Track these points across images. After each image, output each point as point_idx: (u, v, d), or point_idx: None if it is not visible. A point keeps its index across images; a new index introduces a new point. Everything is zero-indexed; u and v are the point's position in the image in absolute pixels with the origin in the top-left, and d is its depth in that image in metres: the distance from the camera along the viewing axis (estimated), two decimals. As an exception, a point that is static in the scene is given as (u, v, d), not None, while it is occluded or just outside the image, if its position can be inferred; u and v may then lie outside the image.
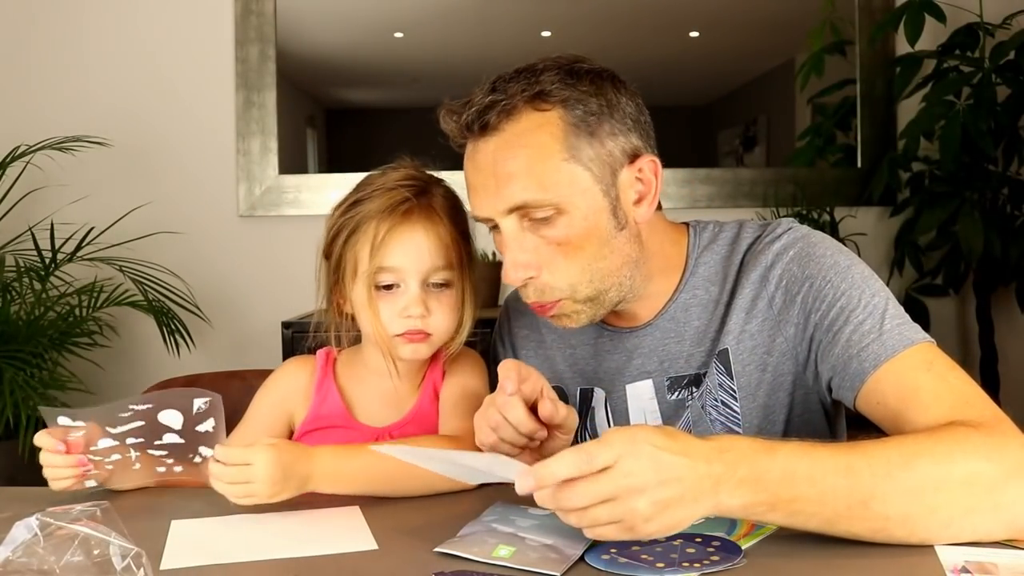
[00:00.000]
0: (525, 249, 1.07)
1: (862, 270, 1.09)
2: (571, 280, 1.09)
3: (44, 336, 2.28)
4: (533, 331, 1.30)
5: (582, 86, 1.07)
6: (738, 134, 2.94)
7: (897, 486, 0.84)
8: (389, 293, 1.17)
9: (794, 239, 1.13)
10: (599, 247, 1.08)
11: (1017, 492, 0.87)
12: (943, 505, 0.85)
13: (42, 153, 2.41)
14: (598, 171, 1.07)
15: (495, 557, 0.85)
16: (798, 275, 1.10)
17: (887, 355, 1.01)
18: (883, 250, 2.79)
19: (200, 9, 2.70)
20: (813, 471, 0.84)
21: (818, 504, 0.84)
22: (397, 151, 1.23)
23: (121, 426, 1.03)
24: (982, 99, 2.42)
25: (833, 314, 1.06)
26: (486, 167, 1.07)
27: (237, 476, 1.00)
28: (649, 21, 2.79)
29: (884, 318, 1.03)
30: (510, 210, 1.06)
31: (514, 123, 1.06)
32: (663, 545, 0.87)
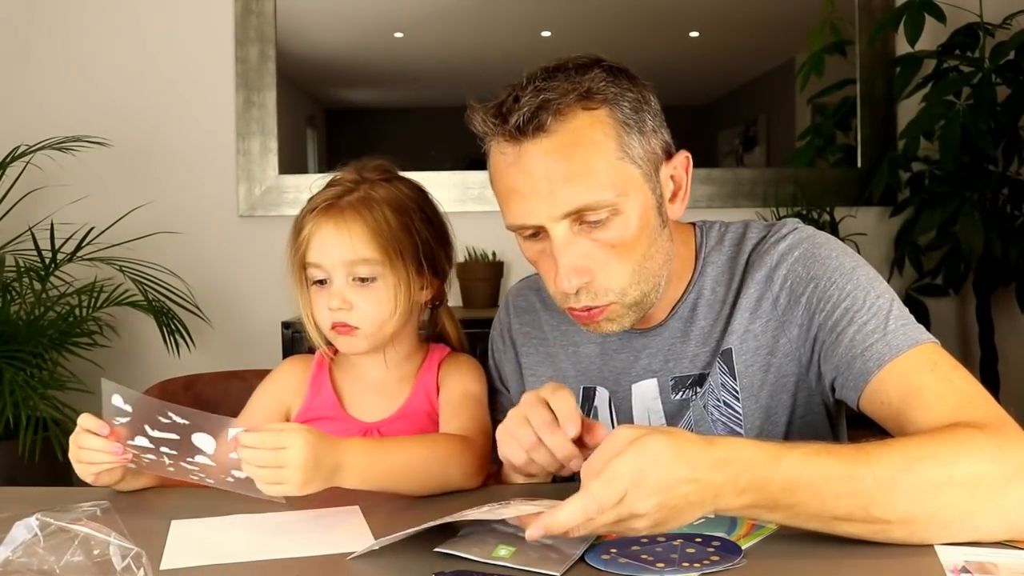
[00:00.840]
0: (580, 255, 1.04)
1: (867, 271, 1.09)
2: (623, 283, 1.06)
3: (44, 336, 2.28)
4: (535, 328, 1.29)
5: (622, 83, 1.06)
6: (738, 134, 2.94)
7: (899, 491, 0.84)
8: (322, 288, 1.22)
9: (799, 239, 1.12)
10: (648, 246, 1.07)
11: (1019, 494, 0.86)
12: (944, 507, 0.85)
13: (42, 153, 2.41)
14: (647, 168, 1.06)
15: (495, 557, 0.85)
16: (803, 276, 1.09)
17: (891, 355, 1.00)
18: (883, 250, 2.79)
19: (200, 9, 2.70)
20: (815, 480, 0.84)
21: (819, 509, 0.85)
22: (397, 151, 1.24)
23: (158, 431, 1.00)
24: (982, 99, 2.42)
25: (837, 315, 1.05)
26: (536, 170, 1.02)
27: (270, 460, 0.96)
28: (649, 21, 2.79)
29: (888, 319, 1.03)
30: (568, 214, 1.02)
31: (566, 123, 1.02)
32: (663, 545, 0.87)
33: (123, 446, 1.04)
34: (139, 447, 1.03)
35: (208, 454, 1.00)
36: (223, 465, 1.00)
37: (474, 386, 1.26)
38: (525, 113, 1.01)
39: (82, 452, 1.05)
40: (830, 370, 1.07)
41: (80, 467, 1.06)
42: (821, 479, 0.84)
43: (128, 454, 1.04)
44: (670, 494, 0.81)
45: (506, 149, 1.04)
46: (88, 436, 1.04)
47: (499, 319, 1.35)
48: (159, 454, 1.03)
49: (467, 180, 2.64)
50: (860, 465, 0.85)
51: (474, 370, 1.29)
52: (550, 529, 0.81)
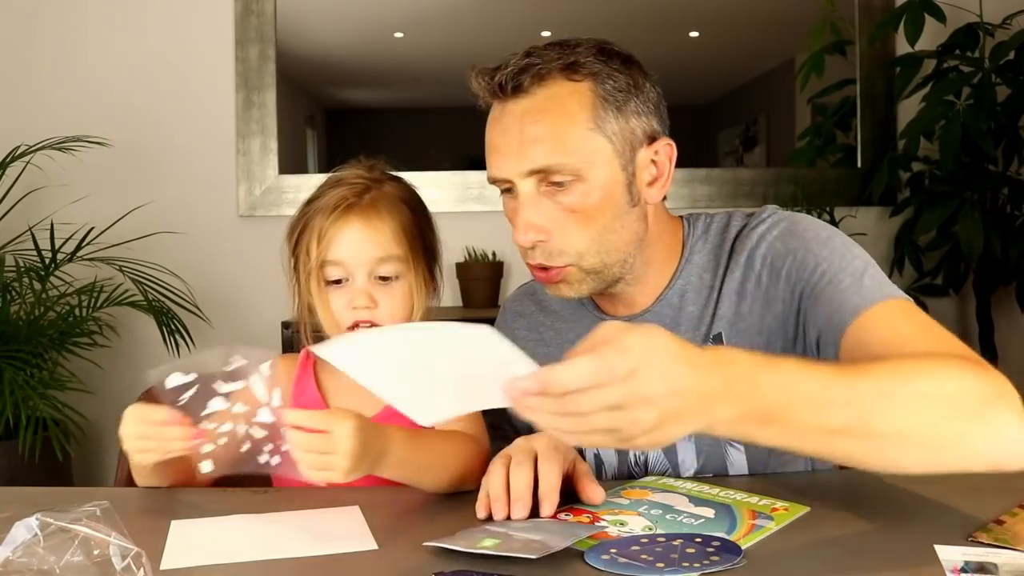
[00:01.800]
0: (540, 212, 1.09)
1: (843, 239, 1.12)
2: (580, 247, 1.11)
3: (44, 336, 2.28)
4: (532, 331, 1.31)
5: (613, 64, 1.11)
6: (738, 134, 2.95)
7: (896, 402, 0.84)
8: (339, 287, 1.20)
9: (777, 220, 1.16)
10: (611, 219, 1.11)
11: (1004, 414, 0.88)
12: (938, 424, 0.85)
13: (42, 153, 2.41)
14: (619, 145, 1.10)
15: (480, 547, 0.85)
16: (782, 251, 1.13)
17: (866, 305, 1.03)
18: (883, 250, 2.79)
19: (200, 9, 2.70)
20: (813, 388, 0.81)
21: (815, 421, 0.82)
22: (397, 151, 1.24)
23: (228, 384, 0.99)
24: (982, 99, 2.42)
25: (815, 278, 1.09)
26: (512, 128, 1.09)
27: (318, 444, 0.95)
28: (649, 21, 2.79)
29: (864, 276, 1.07)
30: (531, 172, 1.08)
31: (545, 88, 1.08)
32: (663, 545, 0.87)
33: (197, 428, 1.01)
34: (214, 413, 1.00)
35: (266, 403, 0.98)
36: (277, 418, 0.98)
37: None
38: (508, 74, 1.08)
39: (150, 443, 1.02)
40: (813, 333, 1.09)
41: (143, 456, 1.04)
42: (819, 386, 0.82)
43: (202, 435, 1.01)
44: (678, 384, 0.75)
45: (495, 106, 1.12)
46: (163, 428, 1.01)
47: (497, 326, 1.36)
48: (235, 418, 1.00)
49: (467, 180, 2.64)
50: (857, 375, 0.84)
51: None
52: (548, 385, 0.75)
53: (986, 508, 0.95)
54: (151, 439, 1.03)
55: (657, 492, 1.05)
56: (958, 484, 1.07)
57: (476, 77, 1.12)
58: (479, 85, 1.12)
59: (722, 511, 0.97)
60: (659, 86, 1.16)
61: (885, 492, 1.05)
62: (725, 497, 1.02)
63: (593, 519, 0.96)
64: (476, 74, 1.12)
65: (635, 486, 1.08)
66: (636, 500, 1.02)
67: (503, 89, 1.09)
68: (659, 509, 0.99)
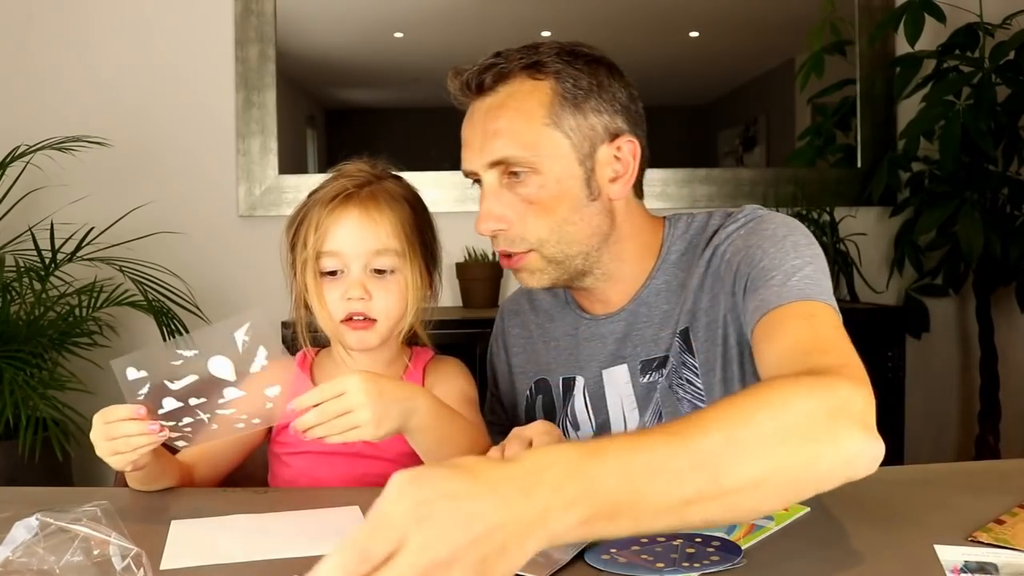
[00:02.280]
0: (500, 202, 1.15)
1: (797, 239, 1.11)
2: (540, 235, 1.15)
3: (44, 336, 2.28)
4: (523, 329, 1.35)
5: (577, 64, 1.15)
6: (738, 134, 2.94)
7: (742, 448, 0.75)
8: (334, 279, 1.20)
9: (748, 219, 1.17)
10: (569, 212, 1.15)
11: (847, 428, 0.81)
12: (788, 458, 0.77)
13: (42, 153, 2.41)
14: (577, 141, 1.15)
15: None
16: (740, 247, 1.14)
17: (777, 303, 1.03)
18: (883, 250, 2.79)
19: (200, 9, 2.70)
20: (652, 461, 0.70)
21: (665, 497, 0.71)
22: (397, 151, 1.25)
23: (178, 381, 0.97)
24: (982, 99, 2.42)
25: (755, 273, 1.09)
26: (477, 123, 1.16)
27: (337, 408, 0.96)
28: (649, 21, 2.79)
29: (794, 276, 1.06)
30: (492, 164, 1.14)
31: (508, 86, 1.15)
32: (663, 545, 0.87)
33: (158, 423, 1.00)
34: (171, 412, 0.99)
35: (232, 382, 0.98)
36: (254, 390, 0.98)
37: (468, 388, 1.28)
38: (474, 74, 1.16)
39: (117, 443, 1.01)
40: (744, 326, 1.10)
41: (117, 459, 1.02)
42: (660, 457, 0.71)
43: (164, 430, 1.00)
44: (480, 524, 0.61)
45: (464, 105, 1.19)
46: (122, 424, 1.00)
47: (495, 327, 1.42)
48: (192, 412, 1.00)
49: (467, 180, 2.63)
50: (695, 431, 0.74)
51: (464, 372, 1.31)
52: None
53: (986, 508, 0.96)
54: (117, 439, 1.00)
55: None
56: (958, 484, 1.07)
57: (450, 78, 1.19)
58: (452, 86, 1.19)
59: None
60: (633, 88, 1.20)
61: (885, 492, 1.05)
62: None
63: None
64: (451, 75, 1.19)
65: None
66: None
67: (469, 87, 1.16)
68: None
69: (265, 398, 1.00)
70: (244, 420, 1.02)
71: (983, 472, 1.13)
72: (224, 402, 0.99)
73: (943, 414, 2.85)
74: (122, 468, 1.04)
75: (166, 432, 1.01)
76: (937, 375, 2.82)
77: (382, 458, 1.22)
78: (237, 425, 1.02)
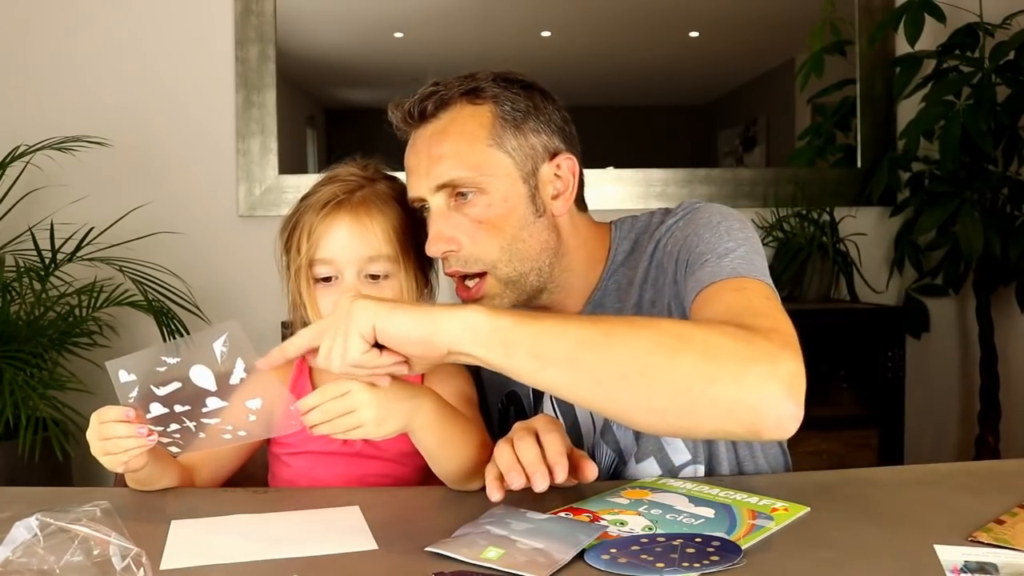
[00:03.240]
0: (449, 225, 1.16)
1: (731, 224, 1.14)
2: (491, 256, 1.17)
3: (44, 336, 2.28)
4: None
5: (513, 89, 1.19)
6: (738, 134, 2.94)
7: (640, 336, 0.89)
8: (328, 285, 1.19)
9: (686, 211, 1.21)
10: (518, 229, 1.17)
11: (762, 374, 0.87)
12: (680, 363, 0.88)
13: (42, 153, 2.41)
14: (519, 160, 1.18)
15: (483, 559, 0.85)
16: (679, 237, 1.18)
17: (711, 280, 1.06)
18: (883, 250, 2.79)
19: (200, 9, 2.70)
20: (556, 325, 0.91)
21: (559, 344, 0.89)
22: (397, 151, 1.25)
23: (163, 387, 0.98)
24: (982, 99, 2.42)
25: (692, 259, 1.13)
26: (421, 150, 1.18)
27: (340, 408, 0.97)
28: (649, 21, 2.79)
29: (727, 256, 1.09)
30: (439, 187, 1.16)
31: (449, 112, 1.18)
32: (663, 545, 0.87)
33: (147, 427, 1.01)
34: (158, 417, 1.00)
35: (214, 392, 0.98)
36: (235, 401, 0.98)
37: (467, 387, 1.27)
38: (415, 103, 1.19)
39: (108, 444, 1.02)
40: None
41: (109, 459, 1.03)
42: (564, 325, 0.92)
43: (153, 435, 1.01)
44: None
45: (406, 135, 1.21)
46: (113, 426, 1.01)
47: None
48: (179, 419, 1.00)
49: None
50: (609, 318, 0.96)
51: (462, 371, 1.29)
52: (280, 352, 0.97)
53: (986, 508, 0.96)
54: (109, 439, 1.01)
55: (657, 492, 1.05)
56: (958, 484, 1.07)
57: (392, 109, 1.21)
58: (395, 117, 1.21)
59: (722, 511, 0.97)
60: (565, 110, 1.24)
61: (885, 492, 1.05)
62: (725, 497, 1.02)
63: (593, 518, 0.96)
64: (392, 107, 1.21)
65: (635, 486, 1.08)
66: (636, 500, 1.02)
67: (411, 116, 1.19)
68: (659, 509, 0.99)
69: (247, 410, 1.00)
70: (230, 432, 1.02)
71: (983, 472, 1.13)
72: (208, 411, 1.00)
73: (943, 414, 2.85)
74: (114, 469, 1.05)
75: (155, 437, 1.02)
76: (937, 375, 2.82)
77: (382, 458, 1.21)
78: (224, 436, 1.03)
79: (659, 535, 0.90)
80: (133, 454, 1.02)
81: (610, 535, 0.91)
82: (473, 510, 0.99)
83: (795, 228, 2.66)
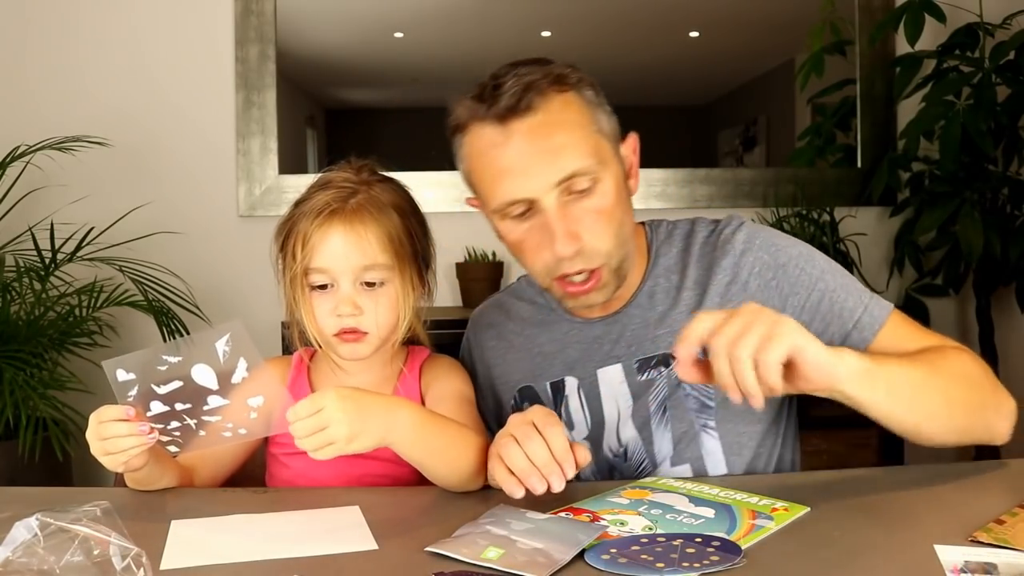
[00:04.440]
0: (573, 220, 1.12)
1: (817, 253, 1.23)
2: (609, 246, 1.15)
3: (44, 336, 2.28)
4: (501, 340, 1.34)
5: (580, 72, 1.18)
6: (738, 134, 2.94)
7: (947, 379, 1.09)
8: (324, 292, 1.18)
9: (754, 230, 1.24)
10: (623, 213, 1.17)
11: (1003, 393, 1.15)
12: (975, 395, 1.12)
13: (42, 153, 2.41)
14: (613, 141, 1.18)
15: (483, 559, 0.85)
16: (770, 263, 1.20)
17: (879, 324, 1.17)
18: (883, 250, 2.79)
19: (200, 9, 2.70)
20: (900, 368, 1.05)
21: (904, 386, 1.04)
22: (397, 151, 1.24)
23: (164, 385, 0.99)
24: (982, 99, 2.42)
25: (815, 297, 1.18)
26: (527, 147, 1.11)
27: (314, 424, 0.96)
28: (649, 21, 2.79)
29: (860, 294, 1.19)
30: (560, 181, 1.11)
31: (548, 103, 1.12)
32: (663, 545, 0.87)
33: (147, 424, 1.01)
34: (158, 415, 1.00)
35: (216, 391, 0.98)
36: (237, 399, 0.99)
37: (464, 387, 1.27)
38: (513, 95, 1.11)
39: (107, 443, 1.01)
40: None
41: (109, 459, 1.03)
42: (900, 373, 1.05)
43: (154, 432, 1.01)
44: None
45: (490, 132, 1.13)
46: (113, 425, 1.01)
47: (466, 341, 1.40)
48: (179, 416, 1.01)
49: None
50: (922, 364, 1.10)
51: (460, 371, 1.29)
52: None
53: (986, 508, 0.96)
54: (108, 439, 1.01)
55: (657, 492, 1.05)
56: (958, 484, 1.07)
57: (468, 105, 1.14)
58: (473, 113, 1.14)
59: (722, 511, 0.97)
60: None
61: (885, 492, 1.05)
62: (725, 497, 1.02)
63: (593, 518, 0.96)
64: (467, 102, 1.15)
65: (635, 486, 1.08)
66: (636, 500, 1.02)
67: (511, 111, 1.11)
68: (659, 509, 0.99)
69: (248, 408, 1.00)
70: (231, 429, 1.02)
71: (983, 472, 1.13)
72: (209, 409, 1.00)
73: (943, 414, 2.84)
74: (115, 469, 1.04)
75: (155, 435, 1.02)
76: (937, 375, 2.82)
77: (381, 458, 1.21)
78: (224, 434, 1.03)
79: (659, 535, 0.90)
80: (133, 453, 1.02)
81: (610, 535, 0.91)
82: (473, 510, 0.99)
83: (795, 228, 2.66)
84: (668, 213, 1.28)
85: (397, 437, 1.03)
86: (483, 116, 1.13)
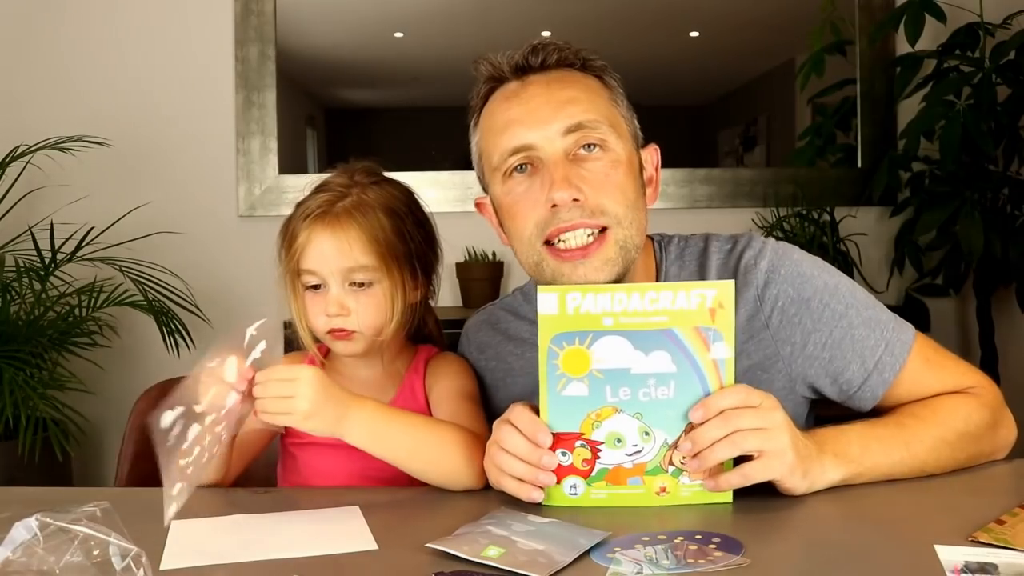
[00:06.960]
0: (576, 174, 1.08)
1: (843, 280, 1.19)
2: (616, 208, 1.09)
3: (44, 336, 2.28)
4: (500, 362, 1.29)
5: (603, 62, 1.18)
6: (738, 134, 2.94)
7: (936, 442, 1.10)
8: (317, 293, 1.21)
9: (777, 258, 1.16)
10: (635, 197, 1.13)
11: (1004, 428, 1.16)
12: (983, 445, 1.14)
13: (42, 153, 2.41)
14: (631, 129, 1.16)
15: (484, 557, 0.85)
16: (793, 297, 1.15)
17: (898, 366, 1.14)
18: (883, 250, 2.79)
19: (200, 9, 2.70)
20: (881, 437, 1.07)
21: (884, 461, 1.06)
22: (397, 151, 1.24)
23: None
24: (982, 99, 2.42)
25: (837, 335, 1.14)
26: (537, 95, 1.11)
27: (281, 390, 1.01)
28: (649, 21, 2.79)
29: (883, 328, 1.16)
30: (568, 129, 1.09)
31: (569, 67, 1.15)
32: (665, 543, 0.87)
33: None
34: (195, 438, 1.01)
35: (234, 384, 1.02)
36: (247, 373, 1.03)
37: (467, 384, 1.26)
38: (536, 54, 1.13)
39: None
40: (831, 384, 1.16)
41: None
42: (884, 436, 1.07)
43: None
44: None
45: (509, 88, 1.14)
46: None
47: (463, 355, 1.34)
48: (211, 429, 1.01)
49: (467, 180, 2.63)
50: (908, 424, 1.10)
51: (464, 368, 1.29)
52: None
53: (986, 508, 0.95)
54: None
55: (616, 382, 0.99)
56: (958, 484, 1.07)
57: (491, 59, 1.15)
58: (496, 66, 1.14)
59: (678, 356, 0.98)
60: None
61: (885, 492, 1.05)
62: (657, 321, 0.98)
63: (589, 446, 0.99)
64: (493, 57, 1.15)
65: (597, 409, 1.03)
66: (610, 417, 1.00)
67: (530, 64, 1.13)
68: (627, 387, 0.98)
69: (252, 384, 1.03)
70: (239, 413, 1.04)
71: (983, 472, 1.13)
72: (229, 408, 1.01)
73: (943, 414, 2.84)
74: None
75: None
76: (937, 375, 2.82)
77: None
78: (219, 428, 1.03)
79: (660, 534, 0.90)
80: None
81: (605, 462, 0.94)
82: (474, 510, 0.99)
83: (795, 228, 2.66)
84: (668, 213, 1.27)
85: (348, 431, 1.06)
86: (506, 69, 1.14)
